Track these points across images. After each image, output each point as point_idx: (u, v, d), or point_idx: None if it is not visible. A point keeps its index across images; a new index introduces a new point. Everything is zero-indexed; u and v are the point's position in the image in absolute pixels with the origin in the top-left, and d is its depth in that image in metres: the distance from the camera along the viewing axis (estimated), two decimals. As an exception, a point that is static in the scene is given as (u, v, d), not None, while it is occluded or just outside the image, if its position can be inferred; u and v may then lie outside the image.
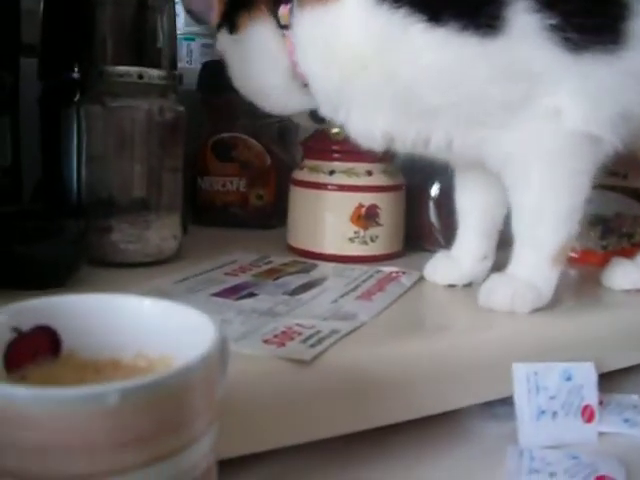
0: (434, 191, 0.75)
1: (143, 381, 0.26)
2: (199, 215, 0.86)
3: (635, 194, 0.74)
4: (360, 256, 0.71)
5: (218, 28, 0.63)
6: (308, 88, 0.59)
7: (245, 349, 0.44)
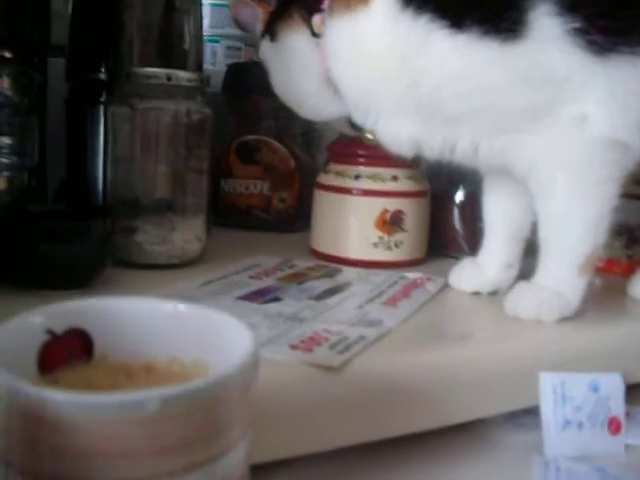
0: (459, 197, 0.75)
1: (183, 389, 0.26)
2: (221, 217, 0.86)
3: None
4: (384, 261, 0.70)
5: (262, 37, 0.65)
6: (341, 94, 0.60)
7: (272, 354, 0.44)
